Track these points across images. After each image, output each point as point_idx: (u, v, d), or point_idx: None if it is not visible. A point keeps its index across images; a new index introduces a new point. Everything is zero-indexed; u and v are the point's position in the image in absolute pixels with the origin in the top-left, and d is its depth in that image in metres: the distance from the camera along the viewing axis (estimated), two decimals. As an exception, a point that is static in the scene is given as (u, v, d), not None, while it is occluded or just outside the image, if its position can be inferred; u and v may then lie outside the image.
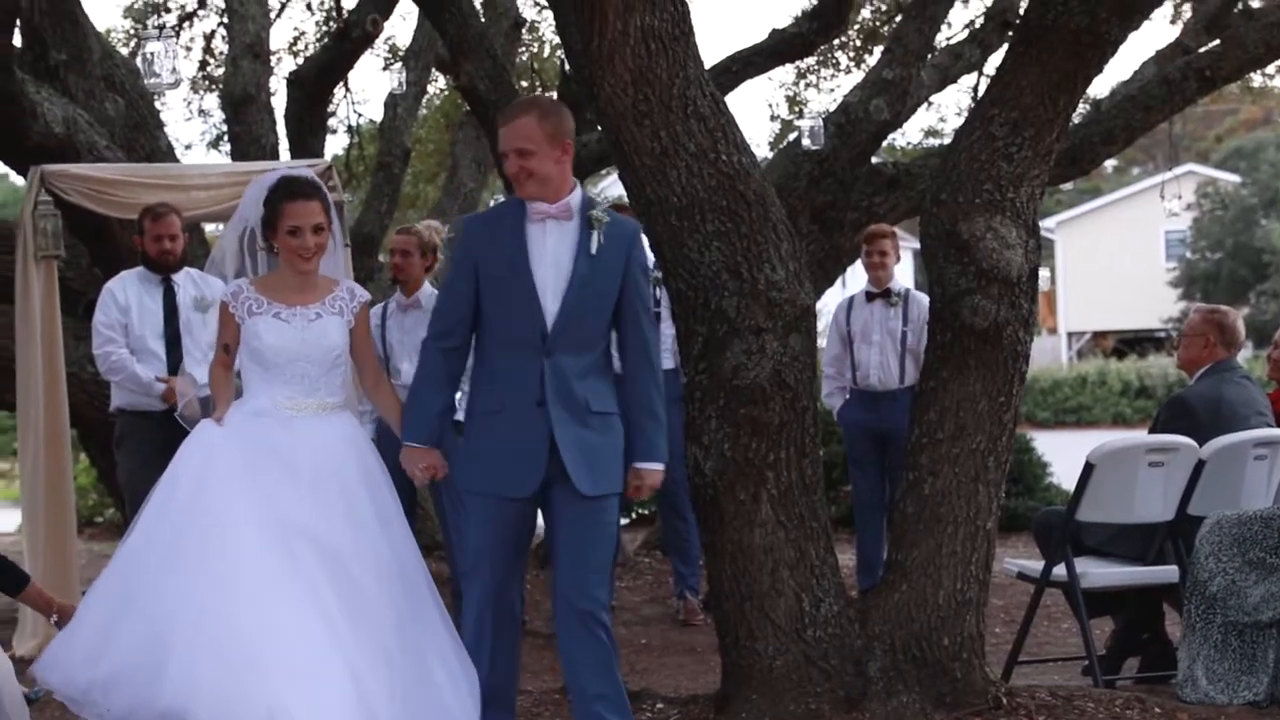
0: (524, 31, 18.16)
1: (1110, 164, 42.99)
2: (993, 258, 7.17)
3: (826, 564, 7.25)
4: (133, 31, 18.25)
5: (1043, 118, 7.20)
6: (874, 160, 13.38)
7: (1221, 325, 8.55)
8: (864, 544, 10.98)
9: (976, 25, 15.81)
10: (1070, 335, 57.51)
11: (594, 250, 6.32)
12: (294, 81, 14.82)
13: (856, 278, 11.47)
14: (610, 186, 33.94)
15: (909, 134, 22.99)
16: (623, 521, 14.11)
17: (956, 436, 7.28)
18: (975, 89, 16.62)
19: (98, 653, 6.08)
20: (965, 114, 18.23)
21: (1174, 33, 15.20)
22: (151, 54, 9.94)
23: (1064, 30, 7.03)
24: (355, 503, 6.41)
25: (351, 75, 16.54)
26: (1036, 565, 8.35)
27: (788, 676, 7.06)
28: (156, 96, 13.15)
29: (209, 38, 18.68)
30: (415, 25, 17.20)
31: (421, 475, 6.52)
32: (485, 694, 6.39)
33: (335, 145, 26.14)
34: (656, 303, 9.24)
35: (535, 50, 19.16)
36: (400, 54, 18.24)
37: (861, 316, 10.77)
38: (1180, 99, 13.01)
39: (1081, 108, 11.02)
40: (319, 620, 6.08)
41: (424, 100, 19.08)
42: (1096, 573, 8.13)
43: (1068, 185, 34.55)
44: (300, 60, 17.92)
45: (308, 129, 14.67)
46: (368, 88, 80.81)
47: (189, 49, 18.32)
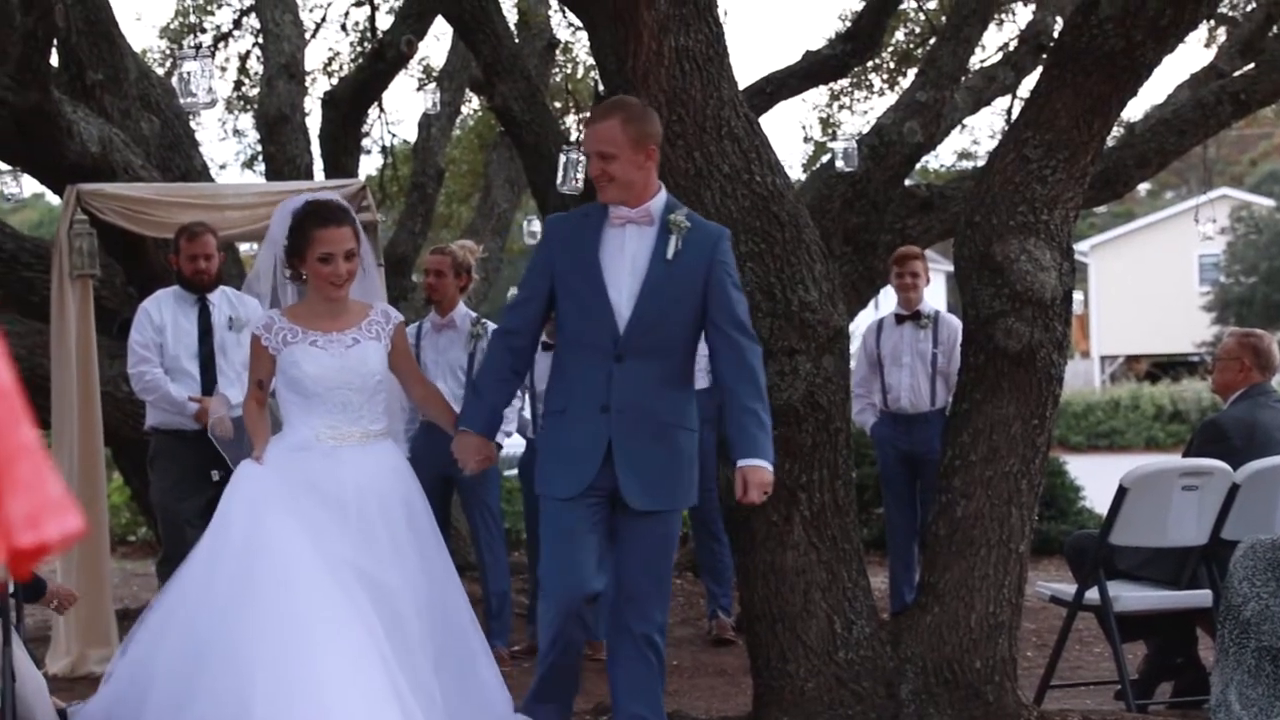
0: (558, 52, 18.20)
1: (1144, 188, 42.90)
2: (1026, 280, 7.16)
3: (859, 586, 7.24)
4: (169, 51, 18.32)
5: (1077, 140, 7.20)
6: (907, 182, 13.37)
7: (1256, 349, 8.52)
8: (896, 566, 10.96)
9: (1010, 48, 15.80)
10: (1103, 359, 57.34)
11: (670, 255, 6.21)
12: (329, 102, 14.86)
13: (889, 299, 11.45)
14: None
15: (942, 156, 22.98)
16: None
17: (989, 459, 7.26)
18: (1009, 111, 16.61)
19: (181, 700, 5.94)
20: (999, 136, 18.23)
21: (1208, 56, 15.17)
22: (188, 74, 9.97)
23: (1099, 53, 7.03)
24: (398, 535, 6.31)
25: (386, 96, 16.58)
26: (1069, 589, 8.32)
27: (819, 699, 7.05)
28: (192, 116, 13.20)
29: (244, 58, 18.76)
30: (449, 46, 17.26)
31: (475, 465, 6.45)
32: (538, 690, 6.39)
33: (369, 165, 26.16)
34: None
35: (569, 71, 19.20)
36: (434, 74, 18.28)
37: (891, 339, 10.77)
38: (1214, 123, 12.97)
39: (1115, 131, 11.00)
40: (378, 662, 5.96)
41: (458, 121, 19.14)
42: (1129, 596, 8.10)
43: (1101, 209, 34.39)
44: (335, 80, 17.95)
45: (342, 149, 14.71)
46: (402, 108, 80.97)
47: (224, 69, 18.40)
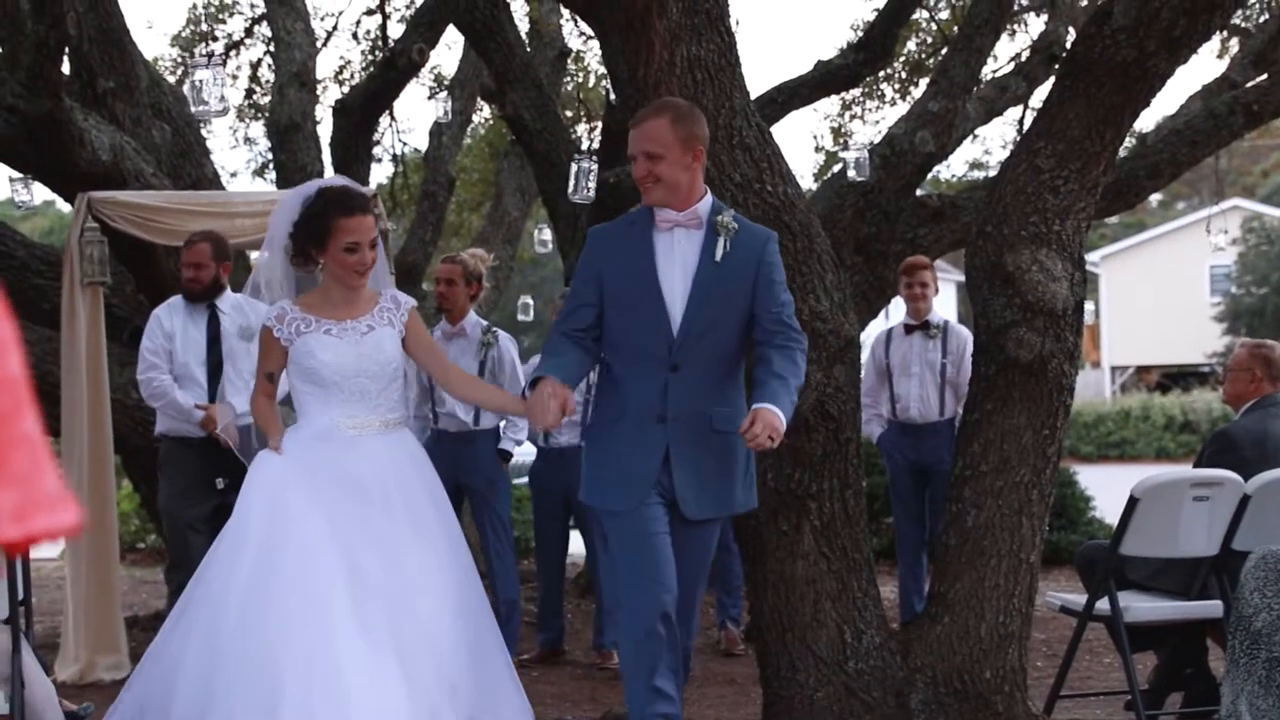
0: (569, 61, 18.23)
1: (1155, 198, 42.92)
2: (1038, 290, 7.15)
3: (869, 595, 7.23)
4: (180, 60, 18.35)
5: (1089, 151, 7.19)
6: (919, 192, 13.36)
7: (1268, 360, 8.50)
8: (905, 576, 10.96)
9: (1022, 58, 15.80)
10: (1114, 369, 57.33)
11: (718, 257, 6.09)
12: (340, 110, 14.89)
13: (899, 309, 11.44)
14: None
15: (954, 166, 23.01)
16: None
17: (1000, 469, 7.25)
18: (1020, 122, 16.63)
19: (205, 700, 5.81)
20: (1010, 146, 18.25)
21: (1221, 67, 15.17)
22: (200, 81, 9.96)
23: (1111, 64, 7.02)
24: (425, 524, 6.19)
25: (397, 104, 16.60)
26: (1079, 599, 8.30)
27: (829, 708, 7.05)
28: (203, 124, 13.21)
29: (255, 66, 18.80)
30: (461, 54, 17.32)
31: (555, 411, 5.86)
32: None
33: (380, 174, 26.35)
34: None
35: (580, 80, 19.23)
36: (446, 83, 18.33)
37: (900, 349, 10.78)
38: (1227, 134, 12.96)
39: (1127, 142, 10.99)
40: (393, 657, 5.87)
41: (469, 129, 19.17)
42: (1140, 607, 8.09)
43: (1112, 219, 34.47)
44: (346, 89, 17.99)
45: (353, 157, 14.73)
46: (413, 116, 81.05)
47: (235, 77, 18.44)
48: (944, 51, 15.00)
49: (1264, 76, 13.49)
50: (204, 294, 9.11)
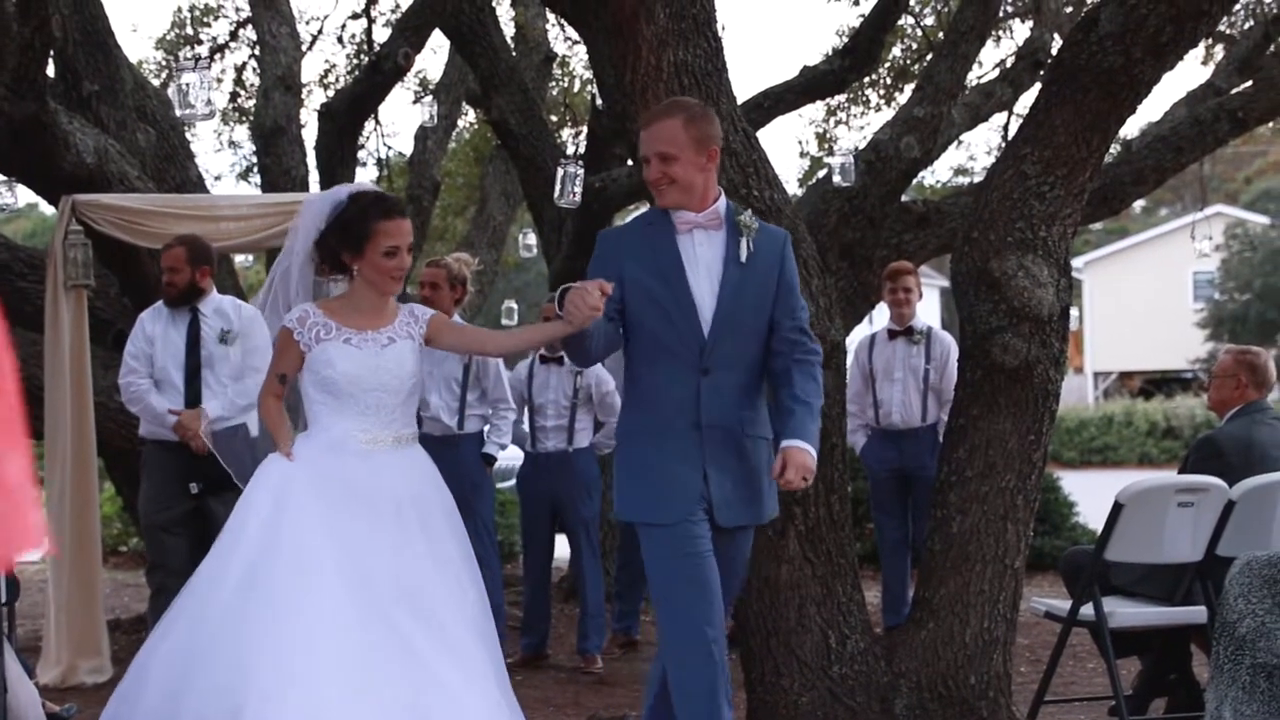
0: (555, 66, 18.21)
1: (1138, 204, 42.93)
2: (1024, 296, 7.16)
3: (853, 600, 7.24)
4: (165, 63, 18.31)
5: (1075, 157, 7.20)
6: (904, 198, 13.36)
7: (1253, 366, 8.51)
8: (889, 581, 10.96)
9: (1008, 64, 15.81)
10: (1097, 375, 57.45)
11: (744, 258, 5.95)
12: (325, 114, 14.85)
13: (884, 314, 11.44)
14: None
15: (939, 172, 23.01)
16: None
17: (986, 474, 7.26)
18: (1005, 128, 16.62)
19: (178, 691, 5.63)
20: (995, 152, 18.27)
21: (1205, 74, 15.18)
22: (186, 85, 9.94)
23: (1098, 70, 7.03)
24: (439, 540, 6.03)
25: (382, 108, 16.57)
26: (1063, 604, 8.30)
27: (813, 713, 7.05)
28: (189, 127, 13.18)
29: (240, 69, 18.76)
30: (446, 59, 17.30)
31: (590, 289, 5.60)
32: None
33: (365, 178, 26.21)
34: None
35: (566, 85, 19.21)
36: (431, 87, 18.31)
37: (884, 354, 10.79)
38: (1212, 140, 12.98)
39: (1112, 148, 11.00)
40: (420, 674, 5.68)
41: (454, 134, 19.14)
42: (1124, 613, 8.08)
43: (1096, 225, 34.47)
44: (331, 92, 17.96)
45: (338, 161, 14.68)
46: (398, 121, 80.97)
47: (220, 80, 18.38)
48: (929, 57, 15.00)
49: (1249, 83, 13.51)
50: (181, 298, 9.06)
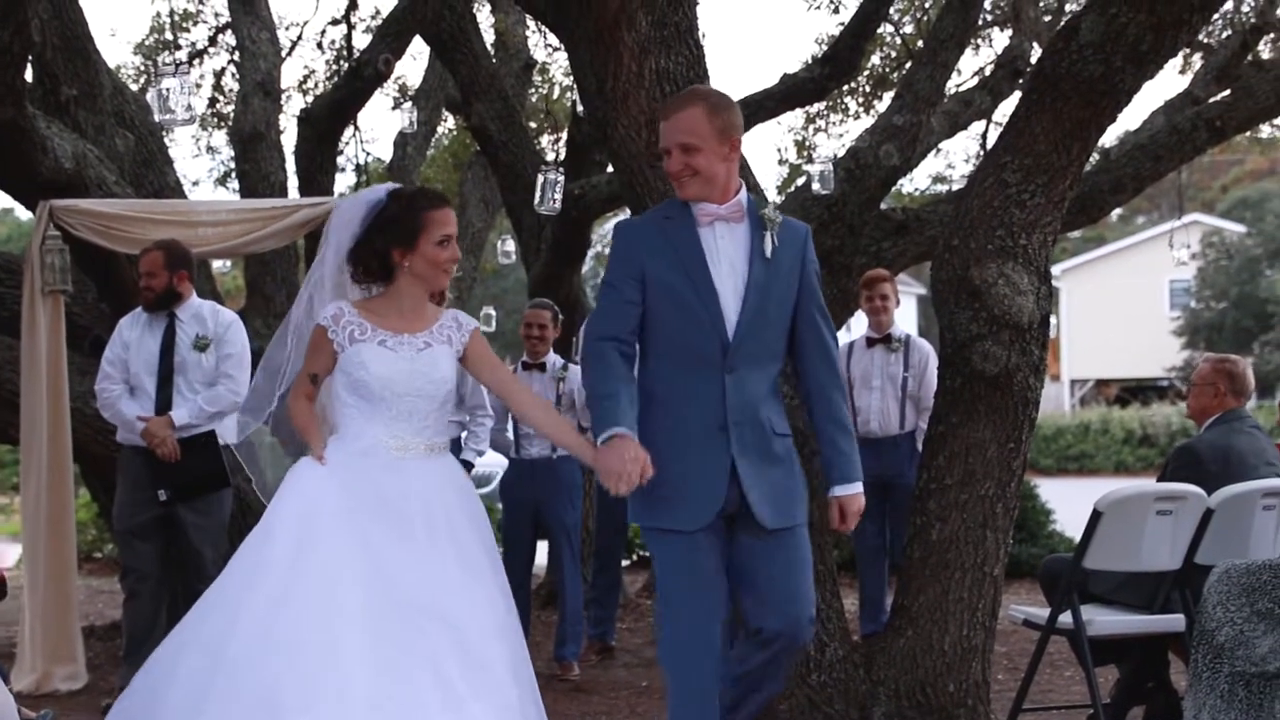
0: (535, 73, 18.21)
1: (1115, 213, 43.10)
2: (1004, 304, 7.16)
3: (832, 608, 7.23)
4: (143, 68, 18.28)
5: (1056, 165, 7.21)
6: (883, 206, 13.37)
7: (1232, 374, 8.53)
8: (866, 588, 10.97)
9: (987, 73, 15.84)
10: (1073, 383, 57.52)
11: (768, 253, 5.79)
12: (304, 119, 14.82)
13: (862, 322, 11.45)
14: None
15: (918, 180, 23.03)
16: (624, 563, 14.07)
17: (965, 482, 7.27)
18: (984, 136, 16.66)
19: (198, 704, 5.42)
20: (974, 160, 18.30)
21: (1184, 83, 15.23)
22: (166, 90, 9.91)
23: (1078, 79, 7.04)
24: (469, 551, 5.83)
25: (361, 114, 16.54)
26: (1042, 612, 8.30)
27: (793, 721, 7.05)
28: (168, 132, 13.16)
29: (219, 75, 18.73)
30: (426, 65, 17.30)
31: (633, 469, 5.48)
32: None
33: (344, 183, 26.15)
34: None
35: (546, 91, 19.20)
36: (411, 93, 18.30)
37: (862, 362, 10.81)
38: (1190, 149, 13.03)
39: (1091, 157, 11.01)
40: (439, 692, 5.51)
41: (433, 140, 19.14)
42: (1103, 621, 8.09)
43: (1074, 233, 34.54)
44: (311, 98, 17.94)
45: (317, 167, 14.65)
46: (378, 127, 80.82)
47: (199, 85, 18.36)
48: (909, 66, 15.02)
49: (1227, 92, 13.57)
50: (159, 303, 9.04)
